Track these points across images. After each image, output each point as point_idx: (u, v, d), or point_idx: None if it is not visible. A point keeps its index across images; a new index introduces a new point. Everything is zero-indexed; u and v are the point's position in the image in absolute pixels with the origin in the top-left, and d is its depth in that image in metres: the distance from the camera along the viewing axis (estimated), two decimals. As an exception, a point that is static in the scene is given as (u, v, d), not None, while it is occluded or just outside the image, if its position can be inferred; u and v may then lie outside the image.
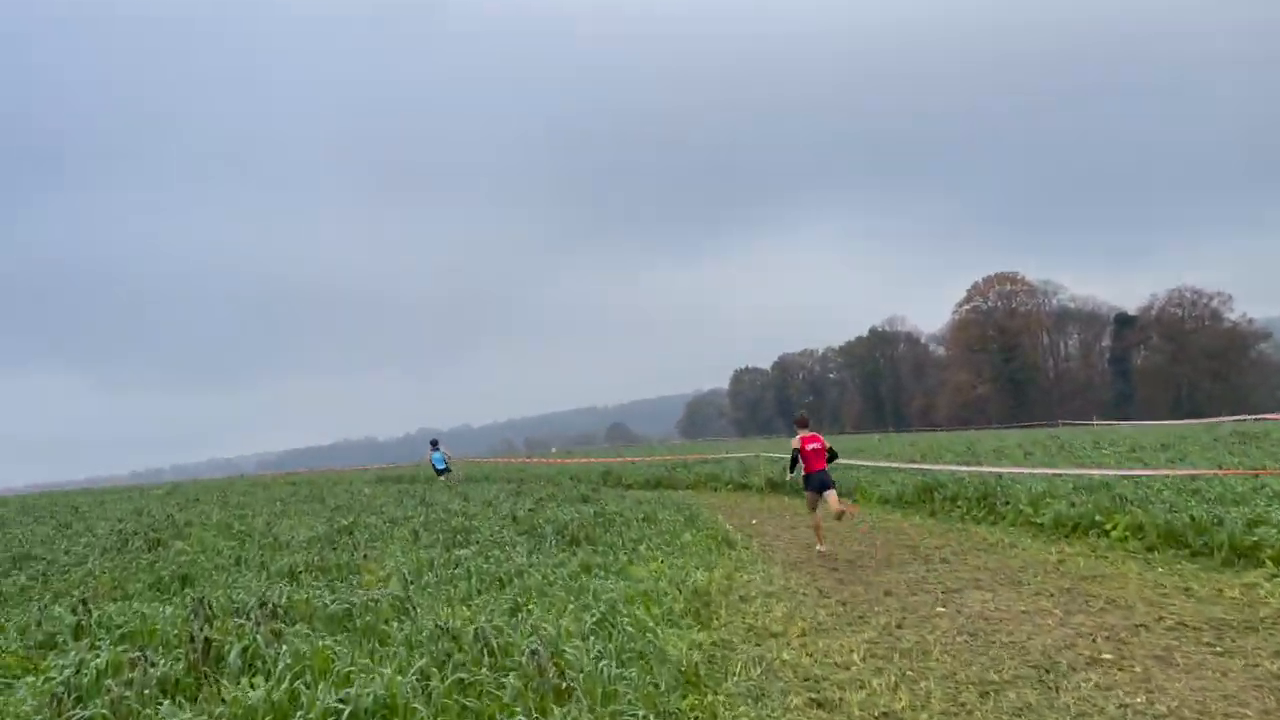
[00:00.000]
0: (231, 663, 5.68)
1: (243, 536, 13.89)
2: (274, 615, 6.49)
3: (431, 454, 27.87)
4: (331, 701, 4.40)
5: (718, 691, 5.93)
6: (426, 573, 9.49)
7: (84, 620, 7.01)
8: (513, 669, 5.29)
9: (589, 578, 9.02)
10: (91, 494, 35.75)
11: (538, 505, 16.17)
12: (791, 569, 10.81)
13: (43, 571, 10.87)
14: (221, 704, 5.02)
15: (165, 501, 24.17)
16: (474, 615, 7.22)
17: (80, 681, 4.97)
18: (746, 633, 7.72)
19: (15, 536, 15.36)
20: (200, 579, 9.95)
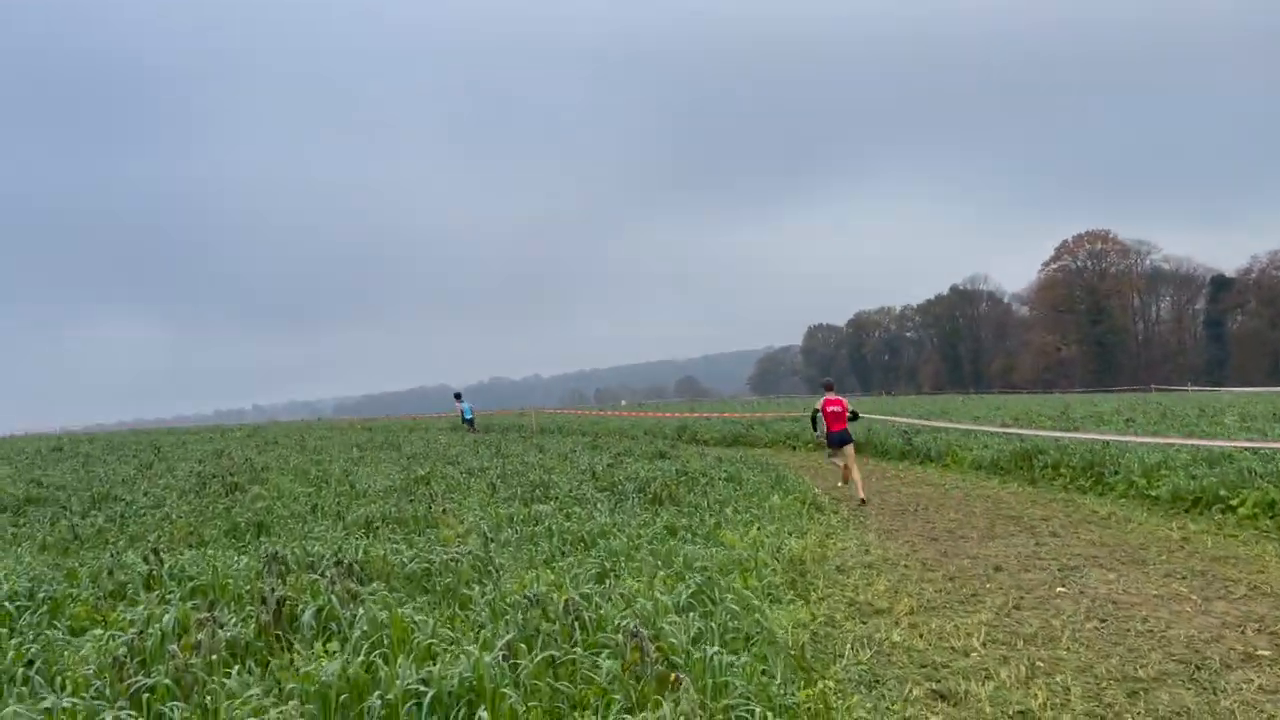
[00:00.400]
0: (305, 625, 5.30)
1: (319, 483, 13.72)
2: (349, 573, 6.09)
3: (461, 406, 30.90)
4: (412, 680, 3.94)
5: (825, 676, 5.38)
6: (505, 529, 9.09)
7: (155, 570, 6.74)
8: (606, 646, 4.80)
9: (675, 541, 8.51)
10: (175, 434, 36.54)
11: (616, 461, 15.72)
12: (887, 537, 10.16)
13: (120, 513, 10.79)
14: (292, 672, 4.63)
15: (245, 444, 24.42)
16: (559, 580, 6.76)
17: (144, 645, 4.61)
18: (848, 609, 7.12)
19: (97, 475, 15.48)
20: (276, 527, 9.71)
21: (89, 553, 8.67)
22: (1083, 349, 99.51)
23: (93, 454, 21.58)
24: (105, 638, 5.13)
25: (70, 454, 21.98)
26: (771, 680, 4.48)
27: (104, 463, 18.80)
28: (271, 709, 3.73)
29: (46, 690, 4.41)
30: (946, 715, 4.88)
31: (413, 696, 3.91)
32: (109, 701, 4.06)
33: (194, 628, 4.77)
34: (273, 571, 5.97)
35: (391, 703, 3.88)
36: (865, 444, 20.85)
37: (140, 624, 5.51)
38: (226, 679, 4.21)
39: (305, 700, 3.92)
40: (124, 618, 5.93)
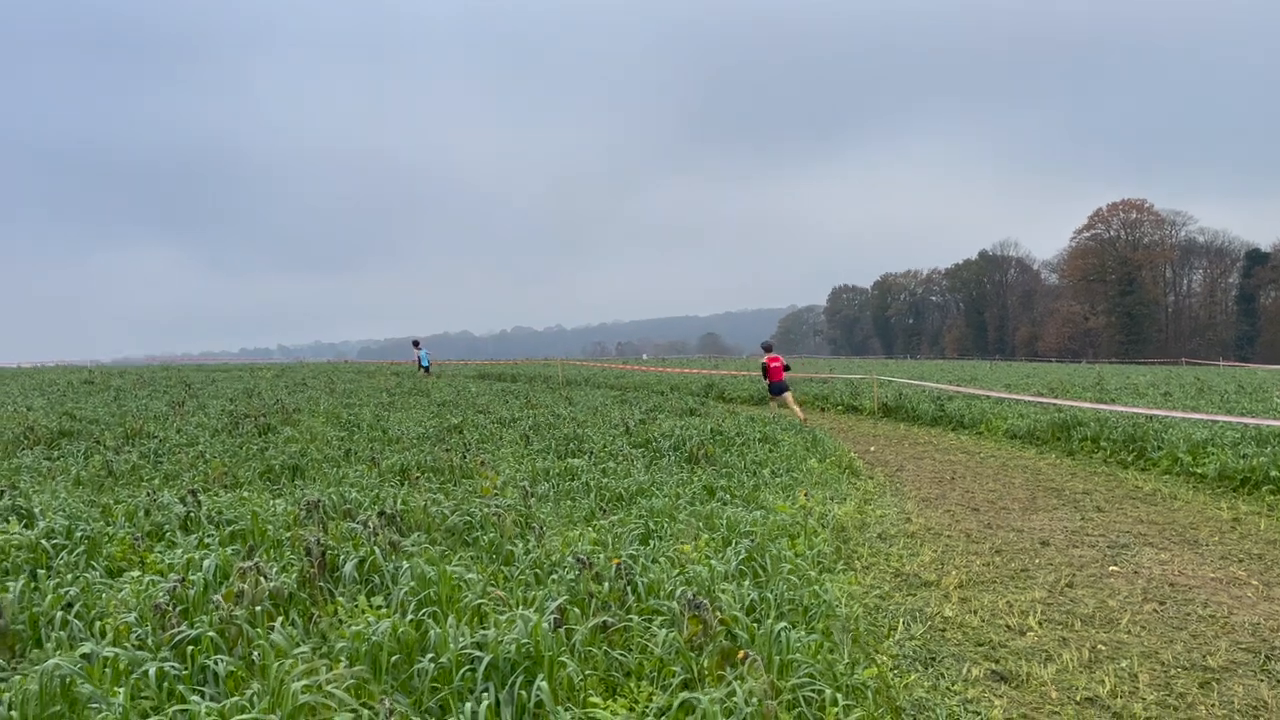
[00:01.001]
0: (346, 576, 5.15)
1: (351, 427, 13.62)
2: (391, 523, 5.94)
3: (418, 353, 33.47)
4: (467, 644, 3.77)
5: (879, 651, 5.20)
6: (542, 483, 8.93)
7: (193, 511, 6.61)
8: (660, 613, 4.62)
9: (715, 503, 8.32)
10: (204, 370, 36.69)
11: (648, 416, 15.53)
12: (926, 505, 9.94)
13: (154, 450, 10.70)
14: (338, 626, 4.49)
15: (274, 384, 24.40)
16: (601, 539, 6.59)
17: (186, 593, 4.47)
18: (894, 580, 6.93)
19: (129, 410, 15.45)
20: (310, 471, 9.60)
21: (124, 490, 8.58)
22: (1111, 319, 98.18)
23: (124, 388, 21.59)
24: (145, 581, 5.00)
25: (101, 387, 22.02)
26: (838, 659, 4.28)
27: (135, 397, 18.80)
28: (322, 669, 3.57)
29: (85, 635, 4.29)
30: (1010, 699, 4.68)
31: (467, 661, 3.75)
32: (152, 651, 3.92)
33: (236, 575, 4.62)
34: (314, 519, 5.82)
35: (445, 666, 3.72)
36: (896, 409, 20.59)
37: (180, 568, 5.40)
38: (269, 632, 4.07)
39: (355, 660, 3.77)
40: (162, 560, 5.83)
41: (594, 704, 3.67)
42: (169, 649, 3.96)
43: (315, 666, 3.55)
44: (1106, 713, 4.49)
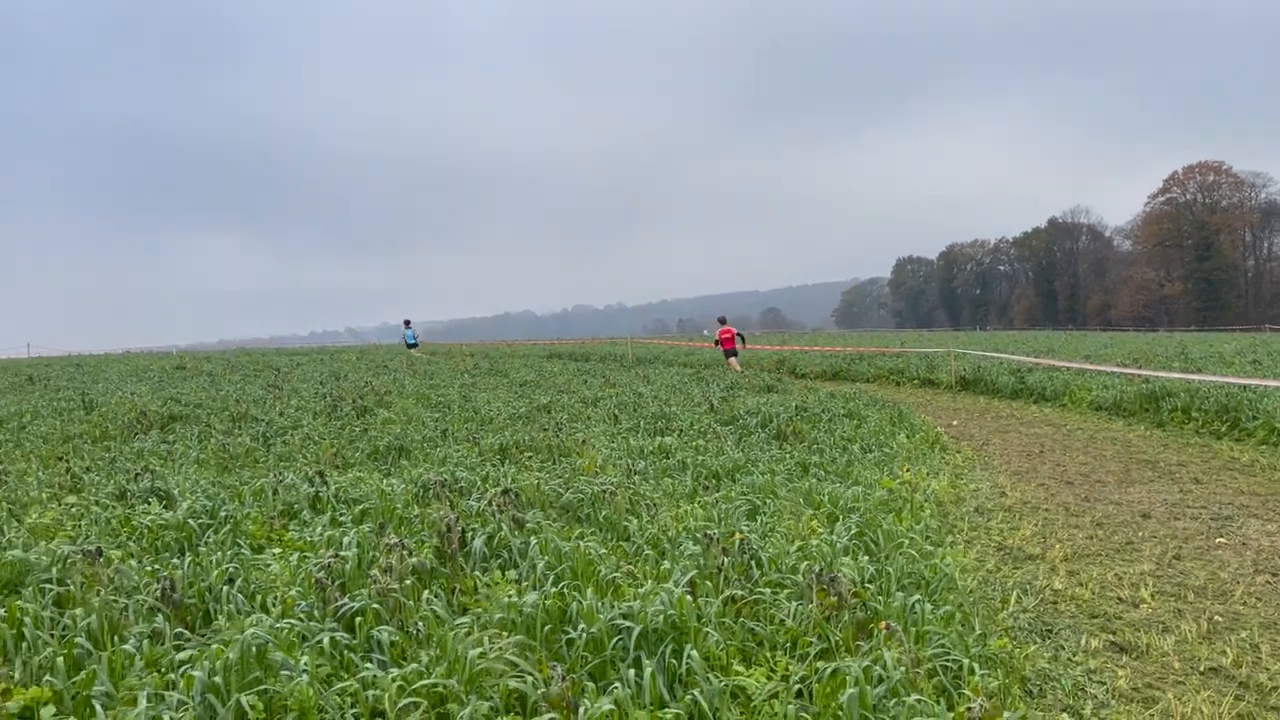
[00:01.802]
0: (476, 551, 5.41)
1: (442, 408, 14.00)
2: (514, 500, 6.20)
3: (405, 332, 35.71)
4: (615, 615, 3.99)
5: (994, 622, 5.30)
6: (638, 460, 9.15)
7: (321, 491, 6.96)
8: (784, 587, 4.79)
9: (810, 479, 8.45)
10: (284, 354, 37.71)
11: (728, 393, 15.67)
12: (1019, 479, 9.93)
13: (263, 433, 11.16)
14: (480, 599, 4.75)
15: (357, 366, 25.06)
16: (709, 515, 6.78)
17: (342, 568, 4.76)
18: (998, 553, 7.00)
19: (229, 394, 16.05)
20: (414, 451, 9.95)
21: (245, 471, 9.01)
22: (1187, 286, 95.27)
23: (215, 373, 22.40)
24: (296, 558, 5.32)
25: (194, 373, 22.86)
26: (970, 629, 4.42)
27: (229, 382, 19.50)
28: (485, 638, 3.82)
29: (249, 608, 4.60)
30: (1133, 669, 4.76)
31: (615, 631, 3.96)
32: (319, 622, 4.20)
33: (383, 551, 4.90)
34: (441, 498, 6.11)
35: (596, 636, 3.94)
36: (974, 382, 20.41)
37: (321, 546, 5.72)
38: (420, 605, 4.33)
39: (511, 629, 4.01)
40: (299, 538, 6.17)
41: (737, 671, 3.86)
42: (334, 620, 4.24)
43: (480, 636, 3.80)
44: (1232, 682, 4.55)
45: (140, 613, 4.40)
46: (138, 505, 7.00)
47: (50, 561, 5.09)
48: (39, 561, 5.12)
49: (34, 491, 7.74)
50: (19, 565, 5.12)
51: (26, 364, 30.17)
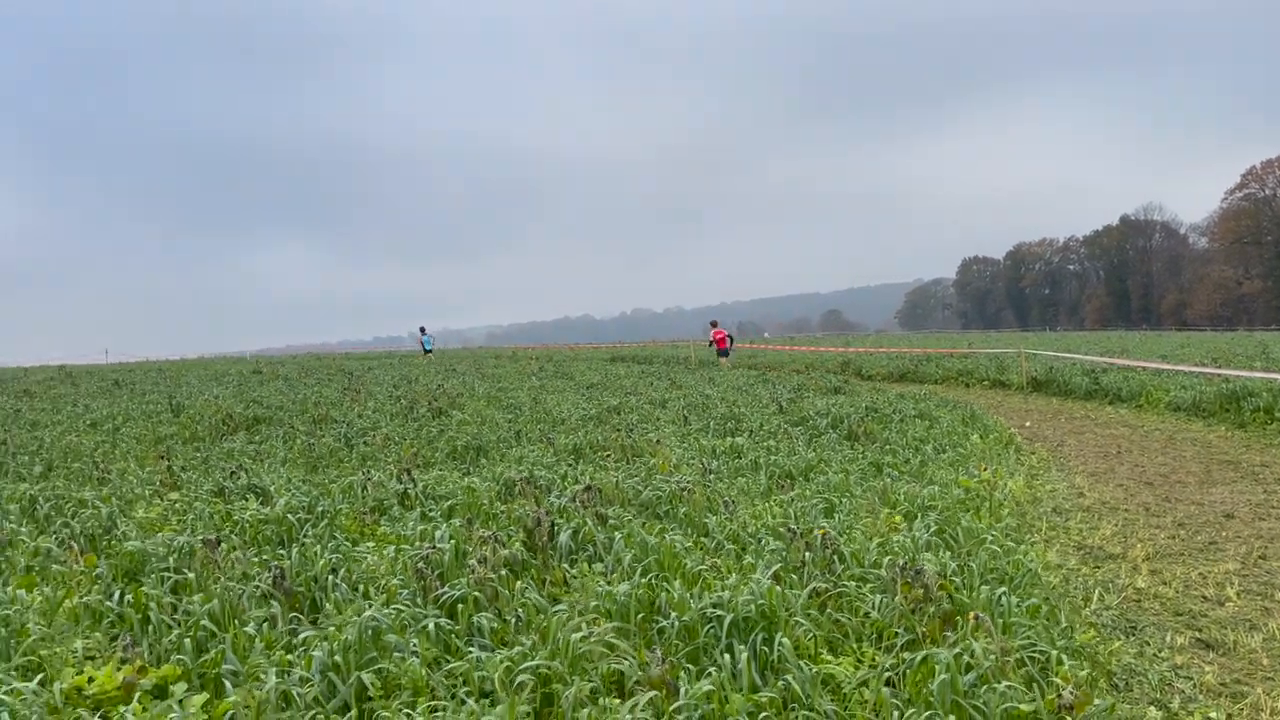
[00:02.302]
0: (562, 545, 5.60)
1: (513, 410, 14.29)
2: (598, 497, 6.38)
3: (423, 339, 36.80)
4: (706, 605, 4.13)
5: (1079, 617, 5.32)
6: (711, 460, 9.28)
7: (409, 489, 7.22)
8: (867, 580, 4.89)
9: (884, 479, 8.50)
10: (352, 358, 38.64)
11: (796, 395, 15.72)
12: (1096, 480, 9.84)
13: (344, 434, 11.54)
14: (569, 590, 4.93)
15: (427, 370, 25.60)
16: (785, 512, 6.89)
17: (440, 559, 4.98)
18: (1078, 552, 6.99)
19: (308, 398, 16.56)
20: (491, 451, 10.21)
21: (331, 470, 9.36)
22: (1267, 284, 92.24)
23: (290, 377, 23.09)
24: (392, 551, 5.57)
25: (270, 377, 23.59)
26: (1056, 622, 4.47)
27: (305, 385, 20.10)
28: (582, 625, 3.99)
29: (354, 596, 4.84)
30: (1220, 665, 4.75)
31: (706, 620, 4.10)
32: (422, 609, 4.41)
33: (477, 544, 5.11)
34: (527, 494, 6.32)
35: (688, 624, 4.09)
36: (1046, 383, 20.12)
37: (413, 539, 5.97)
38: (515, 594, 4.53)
39: (606, 617, 4.18)
40: (390, 532, 6.43)
41: (824, 660, 3.98)
42: (435, 607, 4.46)
43: (578, 622, 3.97)
44: (1325, 680, 4.52)
45: (254, 599, 4.66)
46: (236, 501, 7.35)
47: (167, 552, 5.41)
48: (156, 551, 5.44)
49: (137, 489, 8.15)
50: (137, 555, 5.45)
51: (110, 370, 31.35)
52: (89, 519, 6.54)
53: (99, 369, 32.81)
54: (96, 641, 4.34)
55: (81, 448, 10.96)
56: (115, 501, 7.32)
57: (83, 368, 32.78)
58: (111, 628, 4.53)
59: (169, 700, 3.57)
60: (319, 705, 3.49)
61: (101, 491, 7.74)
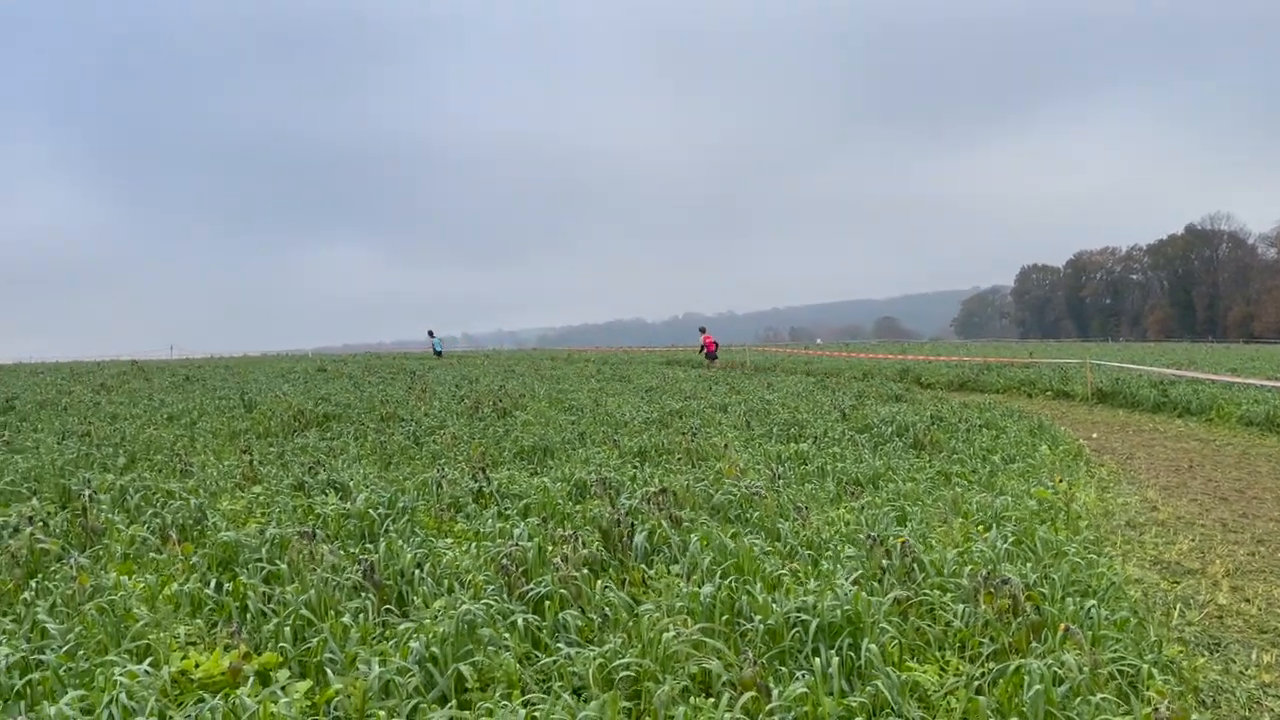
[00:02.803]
0: (638, 546, 5.66)
1: (575, 411, 14.43)
2: (674, 500, 6.45)
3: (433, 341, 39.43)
4: (789, 609, 4.17)
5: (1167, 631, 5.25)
6: (776, 466, 9.29)
7: (484, 487, 7.36)
8: (948, 590, 4.89)
9: (952, 488, 8.45)
10: (411, 358, 39.18)
11: (857, 402, 15.64)
12: (1169, 494, 9.65)
13: (412, 432, 11.75)
14: (649, 592, 5.00)
15: (485, 370, 25.92)
16: (856, 520, 6.89)
17: (523, 556, 5.08)
18: (1154, 567, 6.88)
19: (373, 396, 16.88)
20: (557, 452, 10.33)
21: (404, 467, 9.55)
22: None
23: (354, 375, 23.53)
24: (474, 547, 5.69)
25: (334, 375, 24.06)
26: (1145, 636, 4.44)
27: (369, 384, 20.47)
28: (669, 625, 4.06)
29: (439, 591, 4.96)
30: (1311, 684, 4.67)
31: (791, 624, 4.14)
32: (509, 604, 4.51)
33: (559, 543, 5.21)
34: (602, 495, 6.40)
35: (773, 627, 4.13)
36: (1112, 394, 19.75)
37: (493, 535, 6.09)
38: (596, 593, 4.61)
39: (691, 618, 4.24)
40: (467, 529, 6.56)
41: (909, 667, 3.99)
42: (521, 603, 4.56)
43: (666, 622, 4.04)
44: None
45: (344, 591, 4.81)
46: (316, 496, 7.55)
47: (259, 543, 5.59)
48: (249, 542, 5.62)
49: (220, 482, 8.40)
50: (231, 546, 5.64)
51: (178, 365, 32.22)
52: (178, 509, 6.77)
53: (168, 364, 33.75)
54: (197, 628, 4.52)
55: (161, 440, 11.31)
56: (202, 493, 7.56)
57: (153, 363, 33.72)
58: (211, 615, 4.71)
59: (272, 686, 3.71)
60: (420, 695, 3.60)
61: (187, 483, 8.00)
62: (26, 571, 5.34)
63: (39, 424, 13.14)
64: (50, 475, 8.70)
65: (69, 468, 9.22)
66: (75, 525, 6.27)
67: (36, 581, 5.07)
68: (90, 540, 6.06)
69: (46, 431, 12.13)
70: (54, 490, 8.11)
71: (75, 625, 4.30)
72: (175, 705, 3.64)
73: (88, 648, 4.12)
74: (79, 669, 3.88)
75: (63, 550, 5.73)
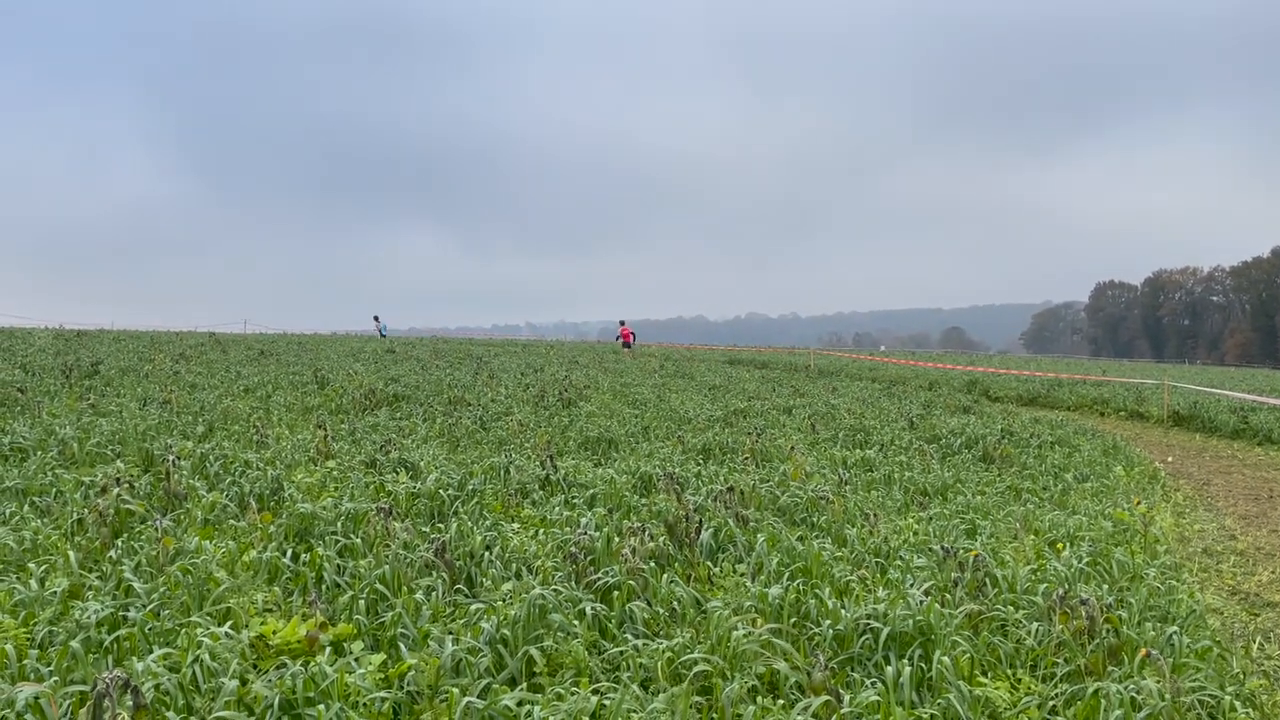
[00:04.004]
0: (704, 543, 5.66)
1: (639, 405, 14.48)
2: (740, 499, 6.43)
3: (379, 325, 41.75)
4: (859, 615, 4.14)
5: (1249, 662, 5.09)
6: (842, 471, 9.22)
7: (551, 475, 7.42)
8: (1020, 606, 4.80)
9: (1021, 504, 8.30)
10: (476, 344, 39.63)
11: (926, 411, 15.43)
12: (1249, 523, 9.34)
13: (479, 417, 11.89)
14: (714, 589, 5.00)
15: (549, 359, 26.13)
16: (924, 531, 6.80)
17: (592, 545, 5.12)
18: (1232, 597, 6.68)
19: (441, 379, 17.12)
20: (621, 444, 10.38)
21: (471, 451, 9.68)
22: None
23: (422, 359, 23.88)
24: (542, 533, 5.75)
25: (403, 357, 24.44)
26: (1227, 666, 4.31)
27: (437, 367, 20.76)
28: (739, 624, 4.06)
29: (507, 574, 5.02)
30: (1397, 726, 4.49)
31: (859, 631, 4.11)
32: (578, 592, 4.55)
33: (625, 534, 5.23)
34: (669, 490, 6.41)
35: (842, 634, 4.10)
36: (1189, 418, 19.16)
37: (560, 523, 6.14)
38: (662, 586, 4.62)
39: (760, 618, 4.23)
40: (534, 515, 6.63)
41: (980, 682, 3.93)
42: (589, 592, 4.59)
43: (735, 621, 4.04)
44: None
45: (415, 568, 4.89)
46: (388, 474, 7.69)
47: (335, 516, 5.72)
48: (324, 515, 5.75)
49: (295, 455, 8.61)
50: (307, 517, 5.77)
51: (254, 339, 33.04)
52: (256, 479, 6.95)
53: (243, 338, 34.61)
54: (274, 595, 4.64)
55: (238, 411, 11.61)
56: (278, 465, 7.75)
57: (229, 336, 34.64)
58: (288, 584, 4.83)
59: (347, 657, 3.79)
60: (491, 675, 3.65)
61: (264, 454, 8.20)
62: (112, 531, 5.54)
63: (122, 389, 13.57)
64: (134, 439, 8.99)
65: (151, 433, 9.52)
66: (159, 489, 6.48)
67: (122, 541, 5.26)
68: (173, 504, 6.25)
69: (129, 397, 12.53)
70: (137, 454, 8.39)
71: (160, 585, 4.44)
72: (254, 669, 3.74)
73: (171, 608, 4.25)
74: (163, 628, 4.01)
75: (147, 512, 5.92)
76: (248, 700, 3.33)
